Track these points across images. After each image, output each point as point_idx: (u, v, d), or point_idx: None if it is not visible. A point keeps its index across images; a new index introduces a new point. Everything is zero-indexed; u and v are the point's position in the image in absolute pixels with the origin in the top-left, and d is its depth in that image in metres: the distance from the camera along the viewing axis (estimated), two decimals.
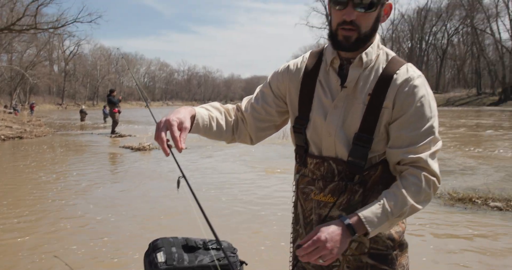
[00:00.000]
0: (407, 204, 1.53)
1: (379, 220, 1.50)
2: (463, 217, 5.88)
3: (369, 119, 1.64)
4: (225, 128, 1.83)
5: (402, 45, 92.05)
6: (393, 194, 1.54)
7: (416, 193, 1.54)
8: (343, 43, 1.63)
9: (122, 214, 6.18)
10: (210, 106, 1.84)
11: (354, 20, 1.59)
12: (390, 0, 1.66)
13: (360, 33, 1.61)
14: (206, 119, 1.74)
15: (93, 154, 13.31)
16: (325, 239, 1.47)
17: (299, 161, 1.83)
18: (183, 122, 1.58)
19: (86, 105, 71.85)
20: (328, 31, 1.71)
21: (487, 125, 24.64)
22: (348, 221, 1.50)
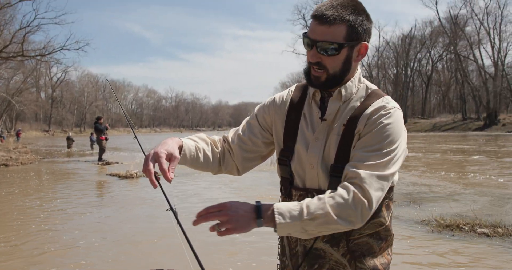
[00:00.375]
0: (324, 210, 1.45)
1: (291, 215, 1.44)
2: (451, 244, 5.88)
3: (343, 150, 1.67)
4: (211, 159, 1.85)
5: (387, 71, 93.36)
6: (316, 198, 1.50)
7: (339, 205, 1.47)
8: (314, 81, 1.69)
9: (105, 240, 6.13)
10: (196, 137, 1.87)
11: (321, 61, 1.63)
12: (367, 40, 1.68)
13: (329, 74, 1.65)
14: (193, 150, 1.77)
15: (79, 181, 13.18)
16: (229, 207, 1.44)
17: (284, 193, 1.86)
18: (172, 153, 1.61)
19: (73, 132, 71.44)
20: (304, 68, 1.75)
21: (473, 150, 24.86)
22: (260, 203, 1.47)
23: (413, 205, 8.56)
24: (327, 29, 1.58)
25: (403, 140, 1.63)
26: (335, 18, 1.57)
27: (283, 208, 1.45)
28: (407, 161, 18.36)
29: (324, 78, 1.66)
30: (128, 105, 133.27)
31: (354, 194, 1.48)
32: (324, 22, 1.57)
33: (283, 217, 1.44)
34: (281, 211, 1.44)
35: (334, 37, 1.58)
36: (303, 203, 1.47)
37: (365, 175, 1.51)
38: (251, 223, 1.45)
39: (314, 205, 1.46)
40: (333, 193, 1.50)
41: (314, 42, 1.60)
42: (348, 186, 1.50)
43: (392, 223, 1.81)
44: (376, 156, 1.55)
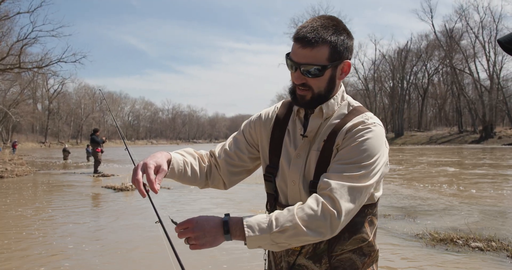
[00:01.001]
0: (292, 222, 1.45)
1: (260, 228, 1.45)
2: (444, 258, 5.87)
3: (322, 166, 1.69)
4: (199, 173, 1.88)
5: (384, 84, 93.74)
6: (286, 210, 1.50)
7: (308, 216, 1.47)
8: (299, 101, 1.72)
9: (97, 251, 6.10)
10: (184, 151, 1.89)
11: (306, 82, 1.66)
12: (349, 58, 1.71)
13: (314, 93, 1.68)
14: (181, 164, 1.79)
15: (74, 194, 13.12)
16: (195, 223, 1.48)
17: (269, 209, 1.89)
18: (160, 165, 1.65)
19: (69, 144, 71.30)
20: (289, 87, 1.77)
21: (469, 163, 24.90)
22: (226, 218, 1.49)
23: (408, 218, 8.56)
24: (309, 52, 1.60)
25: (383, 155, 1.63)
26: (317, 40, 1.59)
27: (252, 221, 1.47)
28: (402, 174, 18.36)
29: (309, 97, 1.69)
30: (125, 117, 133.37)
31: (323, 204, 1.48)
32: (306, 45, 1.60)
33: (252, 230, 1.45)
34: (250, 224, 1.46)
35: (317, 59, 1.61)
36: (272, 215, 1.48)
37: (336, 185, 1.51)
38: (218, 238, 1.48)
39: (283, 217, 1.47)
40: (303, 205, 1.50)
41: (298, 65, 1.63)
42: (318, 197, 1.51)
43: (383, 237, 1.82)
44: (351, 168, 1.56)
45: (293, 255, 1.76)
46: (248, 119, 2.01)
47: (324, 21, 1.64)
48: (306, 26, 1.63)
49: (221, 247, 6.45)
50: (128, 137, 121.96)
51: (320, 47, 1.60)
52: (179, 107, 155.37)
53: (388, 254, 6.05)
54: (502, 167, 21.62)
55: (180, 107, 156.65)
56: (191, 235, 1.46)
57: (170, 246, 1.60)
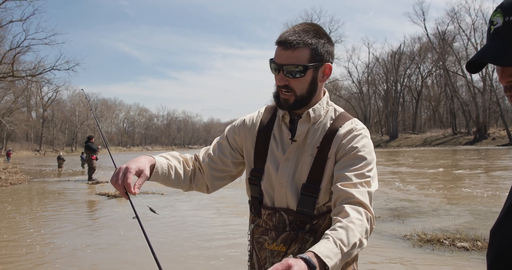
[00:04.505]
0: (356, 236, 1.47)
1: (335, 254, 1.39)
2: (430, 258, 5.98)
3: (316, 170, 1.77)
4: (183, 177, 1.92)
5: (378, 87, 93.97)
6: (339, 228, 1.48)
7: (361, 226, 1.52)
8: (283, 104, 1.79)
9: (84, 262, 6.17)
10: (169, 155, 1.93)
11: (288, 84, 1.74)
12: (330, 61, 1.81)
13: (297, 96, 1.76)
14: (165, 167, 1.83)
15: (68, 201, 13.13)
16: (294, 265, 1.28)
17: (253, 212, 1.93)
18: (142, 170, 1.69)
19: (64, 151, 71.09)
20: (273, 92, 1.85)
21: (461, 164, 25.01)
22: (306, 256, 1.33)
23: (397, 220, 8.66)
24: (291, 53, 1.70)
25: (375, 157, 1.80)
26: (298, 42, 1.70)
27: (324, 250, 1.38)
28: (394, 176, 18.46)
29: (292, 100, 1.77)
30: (120, 123, 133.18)
31: (365, 212, 1.59)
32: (288, 47, 1.70)
33: (331, 259, 1.37)
34: (324, 254, 1.36)
35: (299, 60, 1.71)
36: (333, 238, 1.44)
37: (359, 193, 1.62)
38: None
39: (344, 236, 1.45)
40: (349, 217, 1.53)
41: (281, 66, 1.72)
42: (356, 208, 1.58)
43: (371, 239, 1.90)
44: (361, 175, 1.68)
45: (278, 256, 1.79)
46: (231, 124, 2.06)
47: (305, 26, 1.76)
48: (288, 31, 1.74)
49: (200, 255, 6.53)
50: (123, 143, 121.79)
51: (301, 49, 1.70)
52: (174, 113, 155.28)
53: (375, 255, 6.14)
54: (494, 169, 21.76)
55: (175, 113, 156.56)
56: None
57: (146, 240, 1.66)
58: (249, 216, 1.98)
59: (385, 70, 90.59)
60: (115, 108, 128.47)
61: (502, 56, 1.13)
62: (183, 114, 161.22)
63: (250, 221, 1.97)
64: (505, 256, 1.25)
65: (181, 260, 6.09)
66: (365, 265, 5.65)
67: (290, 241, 1.78)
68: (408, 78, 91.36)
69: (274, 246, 1.81)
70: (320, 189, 1.76)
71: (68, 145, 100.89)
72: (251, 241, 1.95)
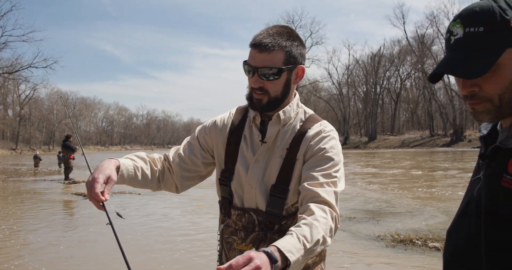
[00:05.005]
0: (320, 234, 1.49)
1: (297, 250, 1.39)
2: (402, 258, 6.08)
3: (285, 171, 1.79)
4: (150, 177, 1.92)
5: (357, 89, 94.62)
6: (303, 225, 1.49)
7: (325, 224, 1.54)
8: (256, 105, 1.81)
9: (55, 258, 6.14)
10: (135, 156, 1.94)
11: (263, 86, 1.76)
12: (303, 63, 1.84)
13: (270, 97, 1.78)
14: (131, 169, 1.84)
15: (43, 201, 12.97)
16: (256, 257, 1.27)
17: (223, 212, 1.95)
18: (109, 176, 1.69)
19: (41, 150, 70.18)
20: (246, 94, 1.87)
21: (437, 166, 25.34)
22: (269, 249, 1.32)
23: (372, 221, 8.76)
24: (266, 56, 1.72)
25: (342, 158, 1.82)
26: (273, 45, 1.72)
27: (287, 245, 1.38)
28: (370, 177, 18.64)
29: (265, 100, 1.78)
30: (99, 123, 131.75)
31: (330, 212, 1.60)
32: (263, 49, 1.72)
33: (292, 253, 1.37)
34: (287, 248, 1.37)
35: (274, 62, 1.73)
36: (297, 234, 1.45)
37: (325, 193, 1.65)
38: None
39: (308, 232, 1.46)
40: (314, 215, 1.54)
41: (256, 69, 1.74)
42: (321, 206, 1.60)
43: (347, 239, 1.91)
44: (328, 175, 1.71)
45: None
46: (202, 125, 2.07)
47: (279, 29, 1.78)
48: (262, 33, 1.76)
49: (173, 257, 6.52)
50: (102, 143, 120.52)
51: (276, 51, 1.72)
52: (154, 113, 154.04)
53: (348, 255, 6.22)
54: (469, 170, 22.10)
55: (155, 113, 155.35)
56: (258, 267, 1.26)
57: (119, 246, 1.68)
58: (219, 216, 2.00)
59: (365, 72, 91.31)
60: (94, 107, 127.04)
61: (464, 68, 1.18)
62: (163, 114, 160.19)
63: (219, 221, 1.99)
64: (461, 255, 1.29)
65: (147, 255, 6.09)
66: (335, 263, 5.72)
67: (259, 241, 1.80)
68: (388, 80, 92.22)
69: (243, 246, 1.83)
70: (289, 190, 1.79)
71: (46, 144, 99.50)
72: (220, 241, 1.96)
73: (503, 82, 1.15)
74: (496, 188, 1.16)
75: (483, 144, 1.36)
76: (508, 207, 1.11)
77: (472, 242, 1.22)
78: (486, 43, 1.15)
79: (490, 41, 1.14)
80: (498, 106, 1.19)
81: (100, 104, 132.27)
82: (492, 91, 1.17)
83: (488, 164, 1.25)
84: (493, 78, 1.16)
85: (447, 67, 1.21)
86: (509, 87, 1.15)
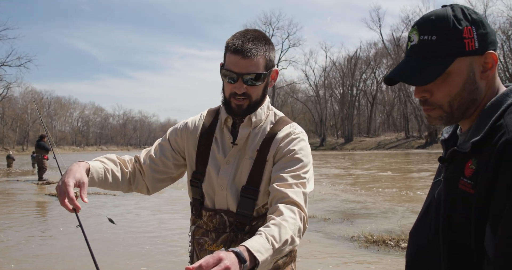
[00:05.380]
0: (288, 234, 1.53)
1: (266, 249, 1.42)
2: (374, 258, 6.17)
3: (255, 173, 1.83)
4: (121, 179, 1.93)
5: (334, 91, 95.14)
6: (272, 225, 1.52)
7: (294, 225, 1.57)
8: (236, 110, 1.83)
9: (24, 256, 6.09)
10: (105, 158, 1.94)
11: (246, 92, 1.79)
12: (276, 66, 1.89)
13: (251, 101, 1.82)
14: (101, 172, 1.84)
15: (16, 202, 12.80)
16: (225, 257, 1.30)
17: (194, 213, 1.97)
18: (80, 179, 1.68)
19: (15, 150, 68.88)
20: (222, 98, 1.90)
21: (411, 168, 25.64)
22: (238, 249, 1.35)
23: (347, 222, 8.86)
24: (250, 62, 1.75)
25: (311, 160, 1.86)
26: (257, 50, 1.76)
27: (256, 245, 1.41)
28: (345, 179, 18.80)
29: (246, 105, 1.82)
30: (74, 122, 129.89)
31: (298, 212, 1.64)
32: (246, 56, 1.74)
33: (261, 254, 1.40)
34: (256, 248, 1.39)
35: (258, 68, 1.77)
36: (266, 234, 1.47)
37: (294, 194, 1.68)
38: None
39: (276, 233, 1.49)
40: (283, 216, 1.58)
41: (241, 75, 1.75)
42: (290, 207, 1.64)
43: (321, 239, 1.94)
44: (297, 176, 1.74)
45: None
46: (174, 127, 2.08)
47: (254, 33, 1.81)
48: (240, 37, 1.78)
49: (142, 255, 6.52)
50: (77, 143, 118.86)
51: (259, 57, 1.76)
52: (130, 113, 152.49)
53: (322, 255, 6.29)
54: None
55: (131, 113, 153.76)
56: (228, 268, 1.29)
57: (89, 249, 1.69)
58: (190, 218, 2.02)
59: (341, 74, 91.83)
60: (69, 107, 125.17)
61: (413, 75, 1.24)
62: (140, 114, 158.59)
63: (191, 223, 2.01)
64: (423, 256, 1.34)
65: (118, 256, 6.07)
66: (309, 264, 5.78)
67: (230, 242, 1.83)
68: (364, 83, 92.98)
69: (215, 247, 1.85)
70: (259, 191, 1.82)
71: (19, 144, 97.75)
72: (192, 242, 1.99)
73: (453, 89, 1.22)
74: (454, 191, 1.21)
75: (444, 148, 1.42)
76: (465, 209, 1.15)
77: (433, 243, 1.27)
78: (438, 52, 1.20)
79: (441, 50, 1.20)
80: (449, 113, 1.25)
81: (75, 104, 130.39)
82: (442, 98, 1.23)
83: (447, 167, 1.30)
84: (443, 86, 1.22)
85: (397, 72, 1.28)
86: (459, 95, 1.22)
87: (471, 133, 1.22)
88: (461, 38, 1.18)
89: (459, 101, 1.23)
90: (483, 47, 1.20)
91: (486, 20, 1.23)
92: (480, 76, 1.22)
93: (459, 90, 1.21)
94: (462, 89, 1.21)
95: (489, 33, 1.21)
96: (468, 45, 1.19)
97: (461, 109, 1.24)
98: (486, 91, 1.24)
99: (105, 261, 5.91)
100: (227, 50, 1.80)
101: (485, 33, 1.20)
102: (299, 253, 2.00)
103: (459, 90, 1.21)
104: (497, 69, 1.27)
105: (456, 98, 1.22)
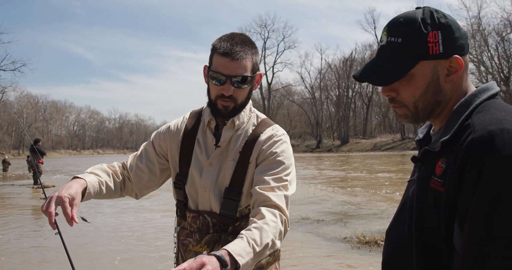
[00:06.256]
0: (269, 237, 1.56)
1: (247, 253, 1.46)
2: (366, 259, 6.21)
3: (238, 174, 1.86)
4: (114, 189, 1.98)
5: (330, 93, 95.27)
6: (254, 229, 1.56)
7: (275, 228, 1.61)
8: (222, 111, 1.87)
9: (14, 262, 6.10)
10: (99, 170, 1.97)
11: (233, 94, 1.82)
12: (259, 69, 1.93)
13: (237, 104, 1.85)
14: (97, 186, 1.87)
15: (11, 205, 12.79)
16: (208, 262, 1.34)
17: (179, 215, 2.01)
18: (74, 198, 1.69)
19: (11, 155, 68.69)
20: (207, 99, 1.93)
21: (406, 168, 25.68)
22: (219, 253, 1.40)
23: (340, 223, 8.90)
24: (239, 64, 1.79)
25: (293, 162, 1.89)
26: (245, 53, 1.80)
27: (237, 248, 1.45)
28: (339, 180, 18.82)
29: (232, 107, 1.85)
30: (70, 126, 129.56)
31: (279, 215, 1.68)
32: (235, 58, 1.78)
33: (242, 258, 1.44)
34: (237, 252, 1.43)
35: (246, 71, 1.81)
36: (247, 238, 1.51)
37: (276, 197, 1.72)
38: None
39: (257, 236, 1.53)
40: (265, 219, 1.62)
41: (229, 77, 1.79)
42: (271, 210, 1.68)
43: (315, 240, 1.96)
44: (279, 179, 1.78)
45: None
46: (157, 130, 2.13)
47: (241, 37, 1.85)
48: (227, 40, 1.82)
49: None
50: (73, 147, 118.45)
51: (246, 60, 1.80)
52: (126, 116, 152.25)
53: (315, 256, 6.31)
54: None
55: (127, 116, 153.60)
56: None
57: (67, 256, 1.72)
58: (175, 219, 2.06)
59: (337, 76, 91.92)
60: (65, 111, 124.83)
61: (375, 75, 1.28)
62: (136, 117, 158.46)
63: (176, 224, 2.05)
64: (398, 255, 1.37)
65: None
66: (300, 266, 5.81)
67: (213, 243, 1.86)
68: (359, 85, 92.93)
69: (198, 247, 1.89)
70: (242, 192, 1.86)
71: (15, 148, 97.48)
72: (177, 243, 2.03)
73: (416, 91, 1.27)
74: (426, 189, 1.24)
75: (418, 147, 1.46)
76: (436, 208, 1.18)
77: (407, 241, 1.30)
78: (403, 54, 1.24)
79: (406, 52, 1.24)
80: (414, 112, 1.31)
81: (71, 108, 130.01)
82: (407, 99, 1.29)
83: (420, 167, 1.34)
84: (408, 87, 1.27)
85: (362, 71, 1.32)
86: (423, 96, 1.27)
87: (441, 132, 1.25)
88: (425, 42, 1.22)
89: (423, 103, 1.27)
90: (448, 52, 1.23)
91: (456, 25, 1.25)
92: (444, 79, 1.26)
93: (422, 92, 1.26)
94: (426, 91, 1.26)
95: (457, 38, 1.24)
96: (432, 49, 1.22)
97: (426, 110, 1.29)
98: (452, 93, 1.28)
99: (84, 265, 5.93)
100: (214, 52, 1.83)
101: (453, 37, 1.23)
102: (291, 254, 2.05)
103: (423, 92, 1.26)
104: (467, 71, 1.30)
105: (420, 99, 1.27)
